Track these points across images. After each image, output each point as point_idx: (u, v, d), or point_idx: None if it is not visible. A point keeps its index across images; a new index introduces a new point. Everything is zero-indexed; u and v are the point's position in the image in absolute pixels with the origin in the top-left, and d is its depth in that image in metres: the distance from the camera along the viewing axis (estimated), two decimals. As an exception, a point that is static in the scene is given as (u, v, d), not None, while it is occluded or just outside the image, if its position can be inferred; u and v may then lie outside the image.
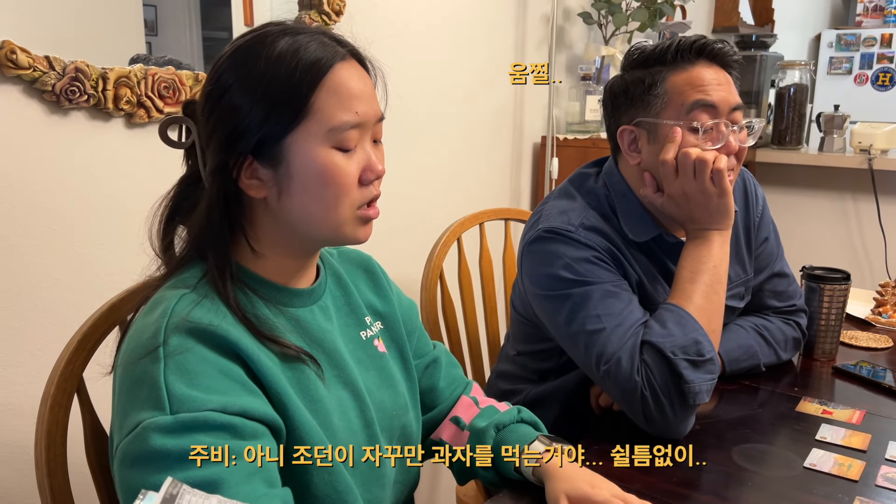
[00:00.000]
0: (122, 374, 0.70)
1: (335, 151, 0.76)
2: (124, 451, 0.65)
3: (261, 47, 0.75)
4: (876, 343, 1.45)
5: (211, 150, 0.76)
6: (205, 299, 0.73)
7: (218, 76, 0.76)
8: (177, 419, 0.64)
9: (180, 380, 0.66)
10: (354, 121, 0.76)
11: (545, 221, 1.18)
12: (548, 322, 1.18)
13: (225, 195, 0.76)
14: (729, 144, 1.10)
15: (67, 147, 1.25)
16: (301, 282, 0.84)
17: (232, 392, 0.69)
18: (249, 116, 0.74)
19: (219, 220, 0.76)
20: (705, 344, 1.03)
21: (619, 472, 0.95)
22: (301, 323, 0.81)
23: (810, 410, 1.14)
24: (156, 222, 0.80)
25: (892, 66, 4.25)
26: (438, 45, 1.97)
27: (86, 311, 0.94)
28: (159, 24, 1.40)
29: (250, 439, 0.68)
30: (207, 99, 0.77)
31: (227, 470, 0.64)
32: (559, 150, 2.28)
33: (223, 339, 0.70)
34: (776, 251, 1.35)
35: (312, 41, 0.76)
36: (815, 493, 0.90)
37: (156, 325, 0.70)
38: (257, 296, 0.78)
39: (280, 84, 0.74)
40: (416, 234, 1.88)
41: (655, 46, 1.12)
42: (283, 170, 0.76)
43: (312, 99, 0.74)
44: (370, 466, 0.84)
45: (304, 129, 0.75)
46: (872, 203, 2.57)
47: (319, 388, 0.79)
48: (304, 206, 0.77)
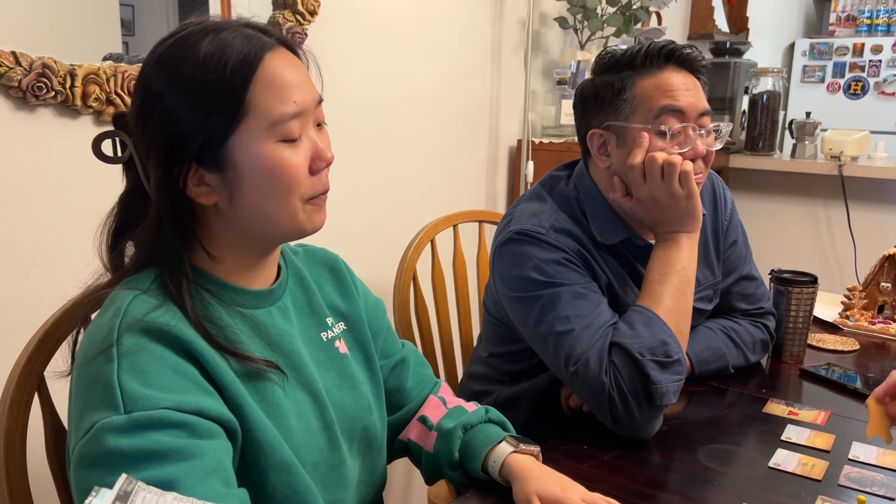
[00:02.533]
0: (77, 375, 0.69)
1: (281, 145, 0.75)
2: (80, 452, 0.64)
3: (184, 50, 0.73)
4: (843, 346, 1.47)
5: (152, 162, 0.74)
6: (163, 305, 0.72)
7: (146, 86, 0.74)
8: (130, 418, 0.63)
9: (134, 379, 0.65)
10: (294, 110, 0.75)
11: (516, 223, 1.18)
12: (518, 323, 1.18)
13: (173, 205, 0.74)
14: (696, 148, 1.11)
15: (34, 144, 1.23)
16: (259, 282, 0.83)
17: (187, 391, 0.68)
18: (186, 122, 0.72)
19: (170, 231, 0.74)
20: (673, 345, 1.04)
21: (585, 471, 0.96)
22: (259, 325, 0.80)
23: (776, 411, 1.16)
24: (104, 240, 0.79)
25: (863, 76, 4.33)
26: (414, 48, 1.97)
27: (50, 309, 0.92)
28: (136, 24, 1.38)
29: (206, 438, 0.67)
30: (140, 111, 0.74)
31: (183, 469, 0.63)
32: (535, 153, 2.29)
33: (177, 339, 0.69)
34: (744, 254, 1.37)
35: (237, 36, 0.74)
36: (779, 492, 0.91)
37: (109, 324, 0.69)
38: (215, 298, 0.77)
39: (212, 85, 0.72)
40: (389, 236, 1.88)
41: (625, 51, 1.13)
42: (230, 172, 0.74)
43: (248, 96, 0.73)
44: (330, 467, 0.83)
45: (245, 128, 0.73)
46: (843, 209, 2.61)
47: (276, 390, 0.78)
48: (257, 204, 0.76)
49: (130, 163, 0.79)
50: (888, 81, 4.25)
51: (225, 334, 0.75)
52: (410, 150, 2.02)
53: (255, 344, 0.79)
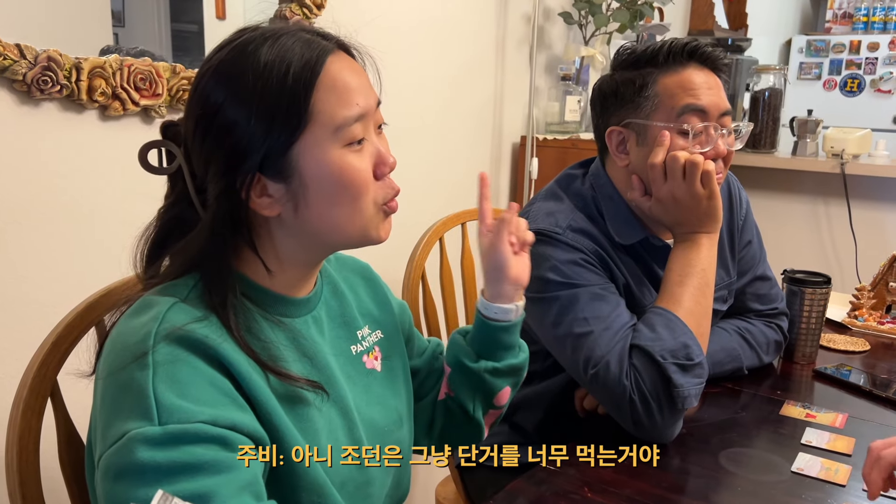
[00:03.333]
0: (106, 379, 0.66)
1: (346, 150, 0.73)
2: (108, 462, 0.62)
3: (244, 58, 0.71)
4: (853, 346, 1.47)
5: (212, 174, 0.71)
6: (205, 320, 0.69)
7: (205, 97, 0.71)
8: (166, 431, 0.61)
9: (170, 389, 0.63)
10: (357, 113, 0.73)
11: (532, 223, 1.16)
12: (534, 325, 1.16)
13: (232, 218, 0.72)
14: (718, 148, 1.10)
15: (38, 139, 1.20)
16: (302, 291, 0.81)
17: (222, 405, 0.65)
18: (249, 132, 0.69)
19: (222, 243, 0.72)
20: (694, 348, 1.03)
21: (607, 476, 0.95)
22: (296, 336, 0.78)
23: (794, 414, 1.15)
24: (142, 251, 0.76)
25: (860, 73, 4.34)
26: (419, 44, 1.95)
27: (56, 311, 0.90)
28: (126, 16, 1.35)
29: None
30: (198, 122, 0.72)
31: (217, 483, 0.61)
32: (538, 150, 2.27)
33: (213, 351, 0.67)
34: (759, 254, 1.36)
35: (296, 42, 0.72)
36: (805, 497, 0.91)
37: (145, 329, 0.67)
38: (256, 307, 0.75)
39: (274, 93, 0.69)
40: (397, 234, 1.85)
41: (646, 47, 1.12)
42: (295, 182, 0.72)
43: (312, 102, 0.70)
44: (356, 486, 0.81)
45: (310, 135, 0.71)
46: (844, 207, 2.62)
47: (311, 408, 0.76)
48: (325, 213, 0.74)
49: (177, 174, 0.76)
50: (884, 79, 4.26)
51: (269, 352, 0.72)
52: (415, 146, 2.00)
53: (295, 360, 0.77)
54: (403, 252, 1.56)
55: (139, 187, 1.29)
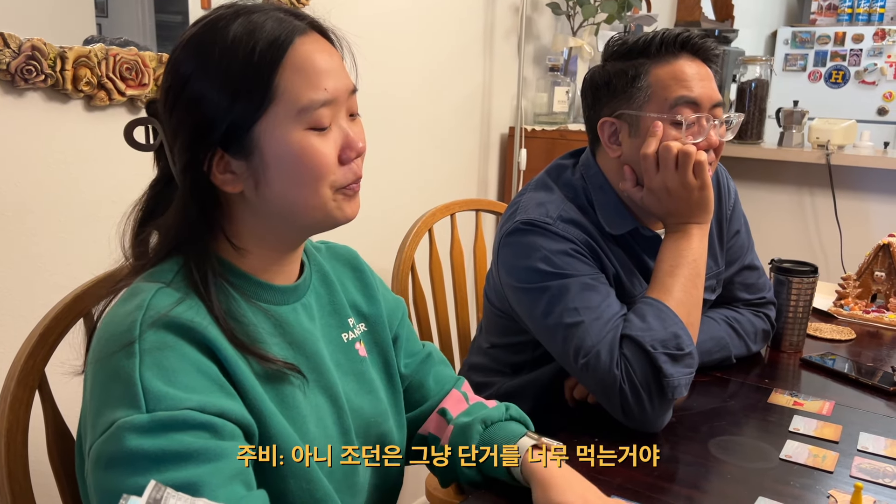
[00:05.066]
0: (95, 368, 0.66)
1: (309, 132, 0.72)
2: (98, 451, 0.62)
3: (214, 33, 0.71)
4: (839, 335, 1.48)
5: (178, 146, 0.72)
6: (187, 299, 0.69)
7: (175, 69, 0.72)
8: (153, 418, 0.61)
9: (157, 376, 0.63)
10: (324, 98, 0.72)
11: (523, 213, 1.16)
12: (524, 315, 1.16)
13: (199, 192, 0.72)
14: (710, 138, 1.10)
15: (22, 129, 1.19)
16: (284, 277, 0.81)
17: (210, 392, 0.65)
18: (213, 106, 0.70)
19: (195, 219, 0.72)
20: (684, 338, 1.03)
21: (599, 466, 0.95)
22: (283, 323, 0.78)
23: (781, 402, 1.16)
24: (129, 228, 0.76)
25: (844, 64, 4.37)
26: (406, 34, 1.94)
27: (44, 302, 0.89)
28: (110, 6, 1.33)
29: (229, 440, 0.65)
30: (167, 94, 0.72)
31: (206, 471, 0.61)
32: (527, 141, 2.27)
33: (201, 336, 0.67)
34: (747, 244, 1.37)
35: (268, 19, 0.71)
36: (794, 484, 0.91)
37: (131, 317, 0.66)
38: (238, 292, 0.75)
39: (239, 68, 0.70)
40: (383, 224, 1.85)
41: (638, 38, 1.12)
42: (256, 159, 0.72)
43: (276, 80, 0.70)
44: (344, 474, 0.81)
45: (273, 114, 0.71)
46: (829, 197, 2.64)
47: (296, 394, 0.76)
48: (284, 193, 0.73)
49: (162, 151, 0.76)
50: (868, 70, 4.29)
51: (248, 332, 0.72)
52: (403, 138, 1.99)
53: (277, 344, 0.76)
54: (392, 244, 1.56)
55: (126, 178, 1.29)
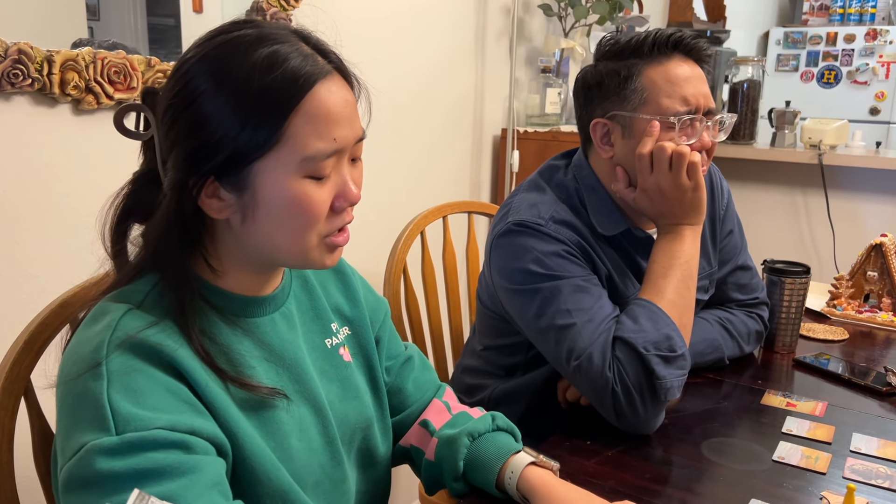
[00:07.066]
0: (63, 390, 0.65)
1: (307, 181, 0.69)
2: (69, 474, 0.60)
3: (234, 56, 0.67)
4: (832, 335, 1.48)
5: (171, 162, 0.69)
6: (159, 322, 0.67)
7: (186, 80, 0.68)
8: (123, 440, 0.59)
9: (125, 398, 0.61)
10: (332, 149, 0.70)
11: (514, 214, 1.16)
12: (517, 316, 1.16)
13: (183, 211, 0.69)
14: (703, 139, 1.10)
15: (9, 134, 1.17)
16: (263, 290, 0.79)
17: (180, 411, 0.64)
18: (218, 133, 0.66)
19: (177, 238, 0.70)
20: (677, 339, 1.03)
21: (591, 468, 0.95)
22: (261, 337, 0.76)
23: (774, 403, 1.15)
24: (108, 221, 0.73)
25: (836, 64, 4.38)
26: (398, 36, 1.94)
27: (29, 309, 0.88)
28: (101, 9, 1.32)
29: (203, 454, 0.64)
30: (172, 103, 0.69)
31: (182, 484, 0.60)
32: (519, 142, 2.26)
33: (169, 358, 0.65)
34: (740, 244, 1.36)
35: (294, 53, 0.68)
36: (786, 486, 0.91)
37: (98, 338, 0.65)
38: (214, 311, 0.73)
39: (254, 102, 0.66)
40: (376, 226, 1.85)
41: (631, 38, 1.11)
42: (248, 196, 0.69)
43: (287, 124, 0.67)
44: (333, 484, 0.80)
45: (275, 156, 0.68)
46: (822, 197, 2.64)
47: (278, 411, 0.74)
48: (270, 234, 0.71)
49: (149, 143, 0.73)
50: (860, 70, 4.31)
51: (228, 356, 0.71)
52: (395, 140, 1.99)
53: (259, 362, 0.75)
54: (384, 246, 1.55)
55: (114, 182, 1.27)
